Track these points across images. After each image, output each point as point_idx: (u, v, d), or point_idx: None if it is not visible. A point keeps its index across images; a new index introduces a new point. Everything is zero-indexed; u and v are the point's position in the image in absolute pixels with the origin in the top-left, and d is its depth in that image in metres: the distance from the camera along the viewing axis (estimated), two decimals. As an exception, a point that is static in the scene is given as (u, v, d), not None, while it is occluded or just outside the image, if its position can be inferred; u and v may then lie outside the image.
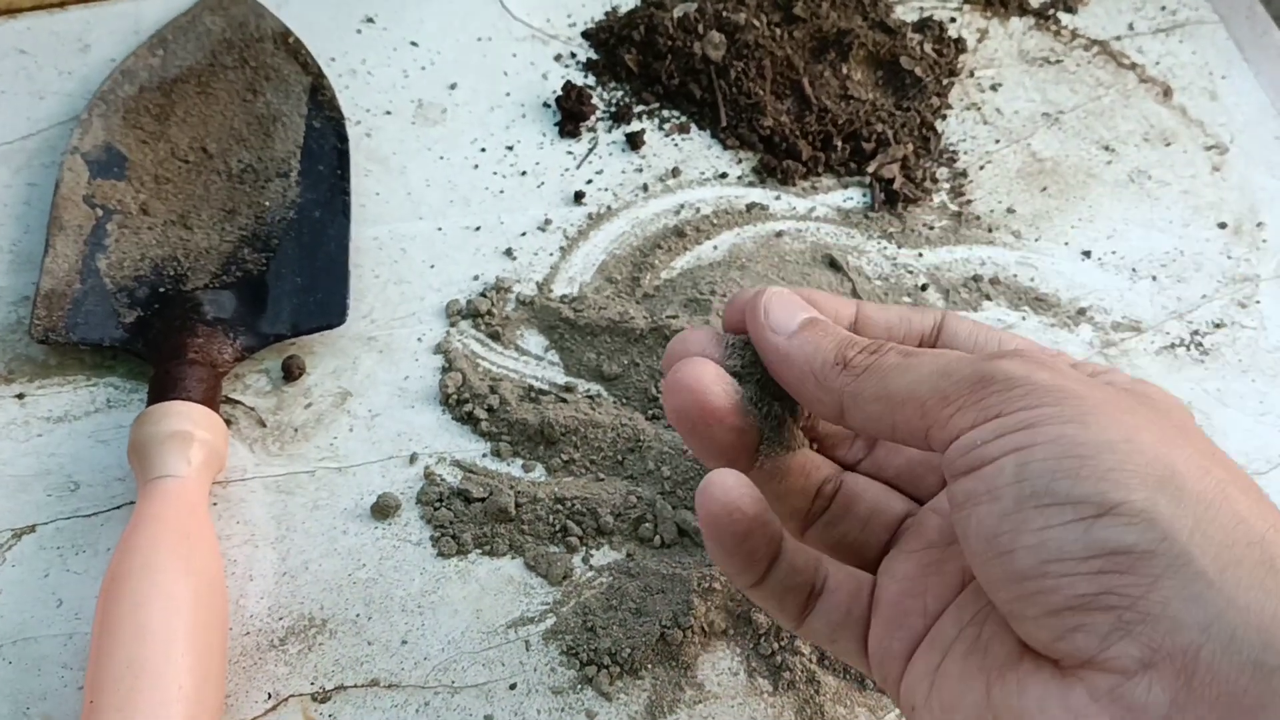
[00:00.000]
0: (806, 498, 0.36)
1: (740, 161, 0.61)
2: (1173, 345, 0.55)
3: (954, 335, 0.35)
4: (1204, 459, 0.26)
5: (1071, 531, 0.25)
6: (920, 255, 0.57)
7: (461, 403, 0.51)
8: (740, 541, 0.32)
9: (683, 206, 0.59)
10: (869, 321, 0.35)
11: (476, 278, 0.55)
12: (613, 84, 0.64)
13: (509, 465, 0.49)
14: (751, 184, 0.60)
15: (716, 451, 0.34)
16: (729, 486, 0.32)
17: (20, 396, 0.50)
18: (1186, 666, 0.23)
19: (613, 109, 0.62)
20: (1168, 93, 0.66)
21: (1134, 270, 0.58)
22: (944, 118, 0.64)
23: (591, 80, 0.64)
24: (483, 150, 0.60)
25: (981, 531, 0.27)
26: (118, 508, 0.47)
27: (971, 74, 0.66)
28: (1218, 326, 0.56)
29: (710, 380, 0.33)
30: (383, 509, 0.47)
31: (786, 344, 0.32)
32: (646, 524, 0.47)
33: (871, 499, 0.36)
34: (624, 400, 0.51)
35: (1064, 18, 0.69)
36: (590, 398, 0.51)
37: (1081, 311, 0.56)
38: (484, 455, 0.50)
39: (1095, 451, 0.25)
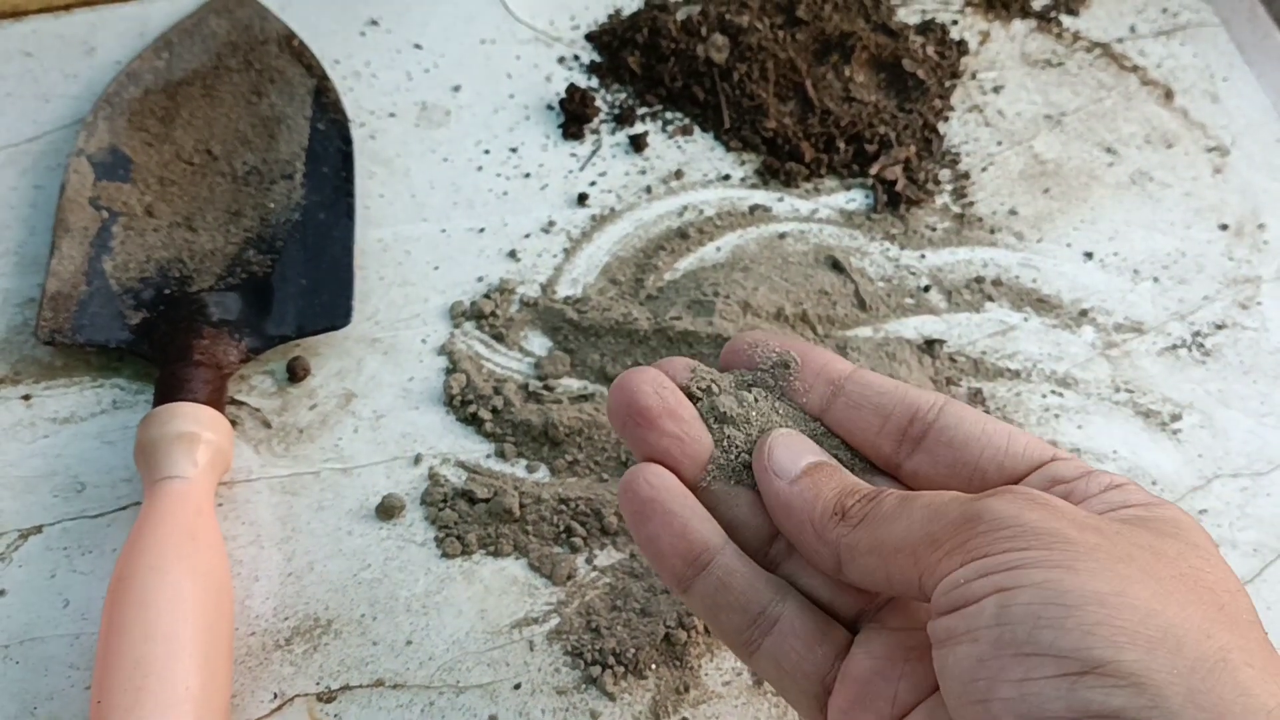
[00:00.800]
0: (761, 537, 0.34)
1: (743, 163, 0.61)
2: (1174, 346, 0.55)
3: (954, 426, 0.32)
4: (1207, 618, 0.24)
5: (1053, 688, 0.23)
6: (923, 257, 0.58)
7: (466, 404, 0.51)
8: (644, 528, 0.32)
9: (686, 208, 0.59)
10: (860, 386, 0.34)
11: (480, 279, 0.55)
12: (616, 86, 0.64)
13: (513, 466, 0.49)
14: (754, 186, 0.60)
15: (649, 457, 0.33)
16: (641, 469, 0.32)
17: (26, 398, 0.50)
18: None
19: (616, 111, 0.63)
20: (1169, 95, 0.66)
21: (1136, 272, 0.58)
22: (946, 120, 0.64)
23: (595, 82, 0.64)
24: (486, 152, 0.61)
25: (958, 673, 0.25)
26: (124, 508, 0.47)
27: (974, 76, 0.66)
28: (1219, 328, 0.56)
29: (644, 381, 0.33)
30: (387, 510, 0.48)
31: (787, 491, 0.31)
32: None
33: None
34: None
35: (1065, 20, 0.69)
36: (586, 397, 0.51)
37: (1084, 313, 0.56)
38: (488, 456, 0.50)
39: (1081, 602, 0.24)
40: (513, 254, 0.56)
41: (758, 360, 0.35)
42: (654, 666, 0.44)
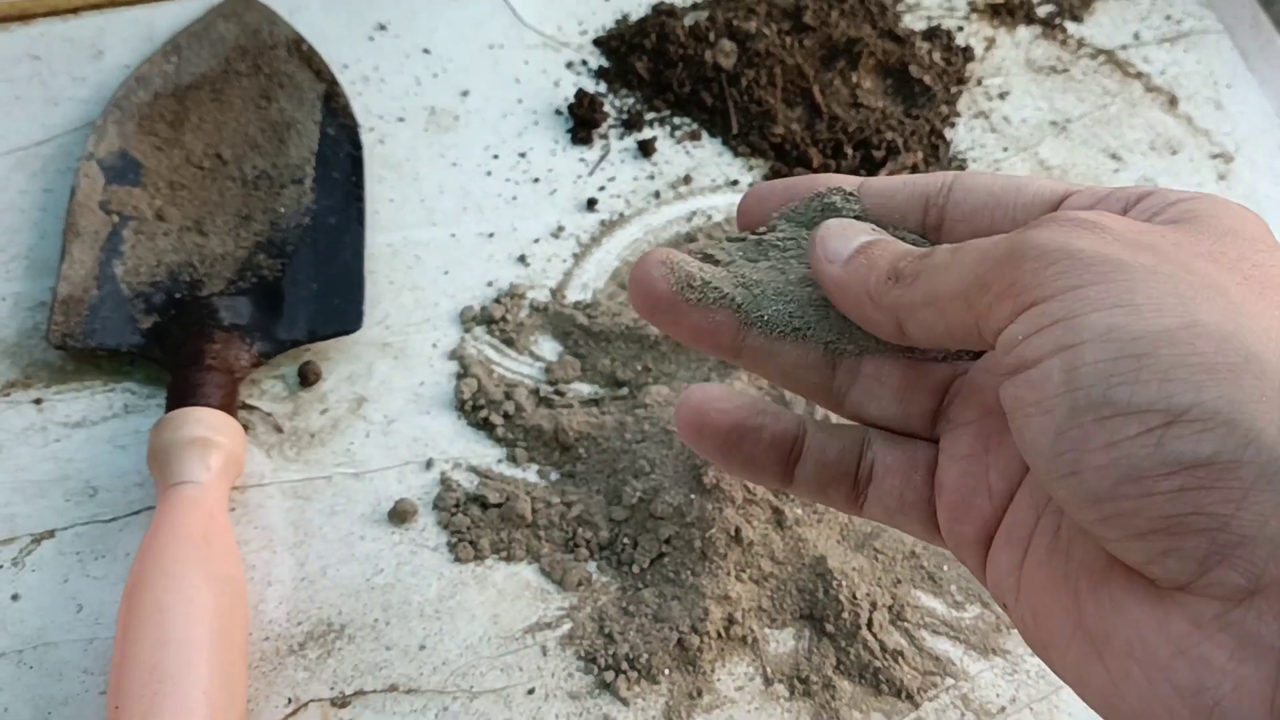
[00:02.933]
0: (820, 374, 0.32)
1: (751, 169, 0.61)
2: (1181, 353, 0.55)
3: (964, 199, 0.31)
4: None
5: (1141, 446, 0.22)
6: (930, 263, 0.58)
7: (477, 408, 0.51)
8: (725, 449, 0.31)
9: (694, 213, 0.59)
10: (873, 193, 0.32)
11: (490, 284, 0.56)
12: (624, 91, 0.64)
13: (525, 471, 0.50)
14: (762, 191, 0.60)
15: (684, 337, 0.32)
16: (700, 394, 0.31)
17: (38, 402, 0.50)
18: None
19: (624, 116, 0.63)
20: (1173, 102, 0.66)
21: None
22: (953, 126, 0.64)
23: (603, 88, 0.64)
24: (495, 157, 0.61)
25: (1040, 449, 0.23)
26: (136, 513, 0.47)
27: (979, 82, 0.67)
28: (1225, 334, 0.56)
29: (656, 263, 0.32)
30: (400, 514, 0.48)
31: (841, 272, 0.30)
32: (662, 530, 0.47)
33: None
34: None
35: (1070, 27, 0.70)
36: (596, 402, 0.51)
37: (1091, 319, 0.56)
38: (499, 461, 0.50)
39: (1152, 346, 0.22)
40: (522, 259, 0.57)
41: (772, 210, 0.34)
42: (667, 672, 0.44)
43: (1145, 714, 0.23)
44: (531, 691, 0.44)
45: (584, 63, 0.65)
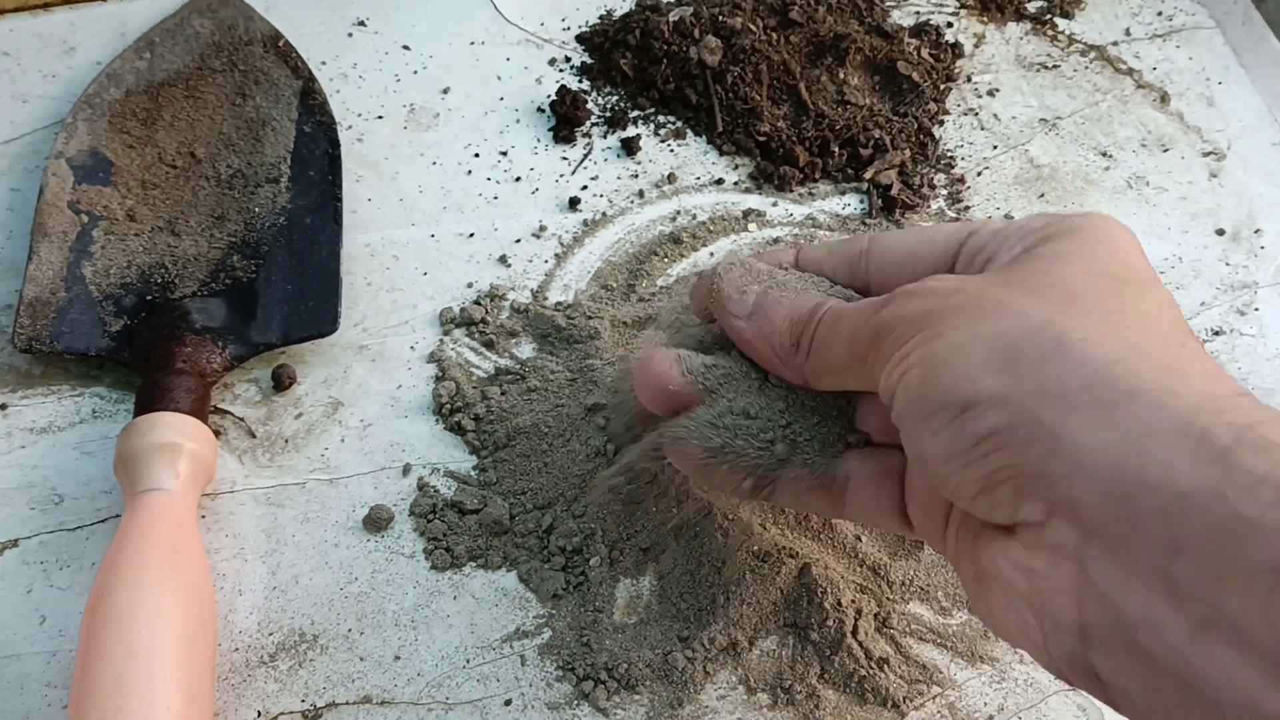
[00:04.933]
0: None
1: (737, 167, 0.60)
2: (1173, 353, 0.54)
3: (886, 260, 0.37)
4: (1049, 313, 0.29)
5: (952, 432, 0.29)
6: (918, 262, 0.57)
7: (455, 412, 0.50)
8: (701, 473, 0.38)
9: (679, 213, 0.58)
10: (807, 264, 0.39)
11: (470, 285, 0.54)
12: (607, 89, 0.63)
13: (498, 477, 0.48)
14: (748, 190, 0.59)
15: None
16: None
17: (3, 407, 0.49)
18: (1074, 510, 0.27)
19: (608, 114, 0.62)
20: (1165, 98, 0.65)
21: (1133, 278, 0.57)
22: (941, 123, 0.63)
23: (586, 85, 0.63)
24: (476, 155, 0.59)
25: (909, 450, 0.32)
26: (103, 521, 0.46)
27: (969, 79, 0.66)
28: (1217, 334, 0.55)
29: (666, 363, 0.38)
30: (375, 521, 0.47)
31: (748, 329, 0.37)
32: (644, 536, 0.46)
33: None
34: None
35: (1060, 23, 0.69)
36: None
37: (1081, 319, 0.55)
38: (474, 468, 0.49)
39: (948, 358, 0.29)
40: (503, 259, 0.55)
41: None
42: (647, 681, 0.43)
43: (1007, 621, 0.30)
44: (509, 702, 0.43)
45: (567, 59, 0.64)
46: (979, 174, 0.61)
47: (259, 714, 0.42)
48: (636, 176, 0.59)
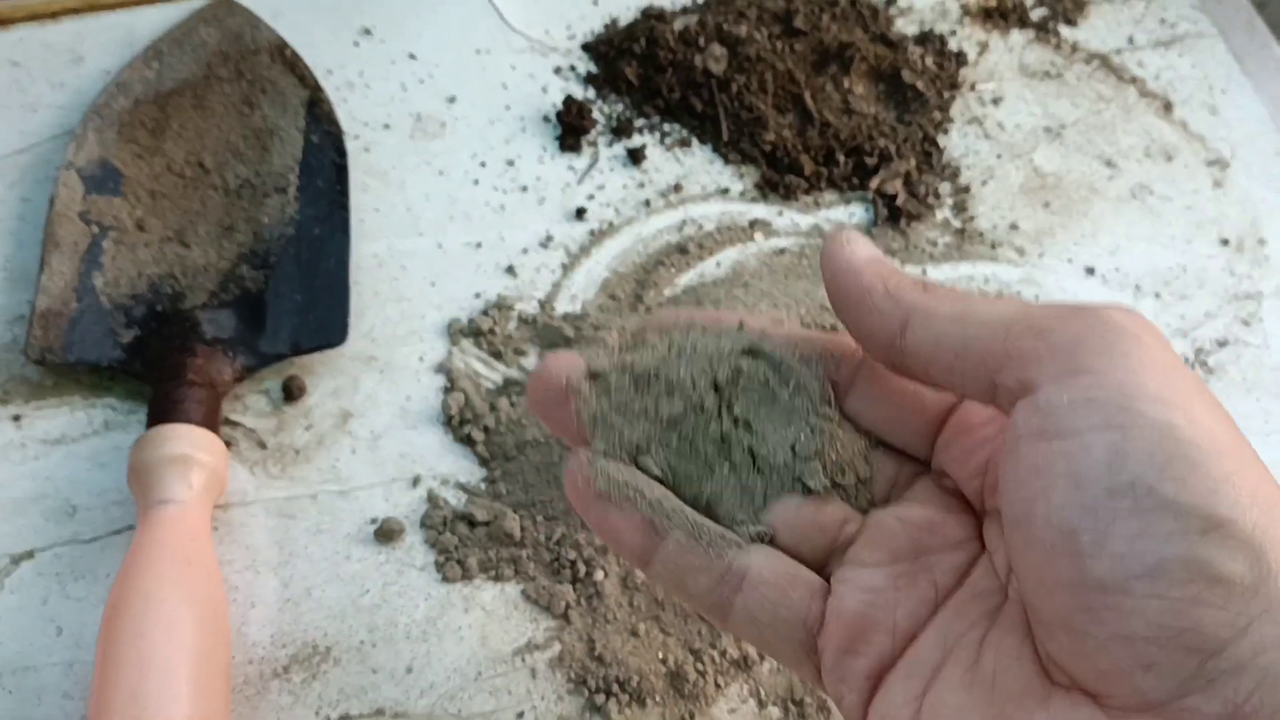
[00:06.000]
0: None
1: (742, 176, 0.60)
2: (1177, 363, 0.55)
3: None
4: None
5: (1171, 545, 0.21)
6: (924, 272, 0.57)
7: (464, 423, 0.50)
8: (585, 510, 0.31)
9: (685, 222, 0.58)
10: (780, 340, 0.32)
11: (478, 295, 0.55)
12: (613, 97, 0.63)
13: (507, 490, 0.49)
14: (754, 199, 0.60)
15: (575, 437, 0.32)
16: (578, 461, 0.31)
17: (16, 418, 0.49)
18: None
19: (613, 123, 0.62)
20: (1168, 107, 0.66)
21: (1137, 287, 0.58)
22: (946, 132, 0.63)
23: (592, 94, 0.63)
24: (482, 165, 0.60)
25: (1055, 520, 0.23)
26: (117, 532, 0.46)
27: (973, 87, 0.66)
28: (1221, 345, 0.56)
29: (562, 366, 0.32)
30: (386, 533, 0.47)
31: (861, 259, 0.29)
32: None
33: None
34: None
35: (1064, 31, 0.69)
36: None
37: (1086, 329, 0.56)
38: (483, 480, 0.49)
39: (1206, 456, 0.22)
40: (510, 269, 0.56)
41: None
42: (658, 694, 0.43)
43: None
44: (521, 715, 0.43)
45: (572, 68, 0.64)
46: (984, 183, 0.61)
47: (273, 726, 0.42)
48: (642, 186, 0.60)
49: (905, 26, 0.68)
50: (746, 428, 0.31)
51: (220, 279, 0.53)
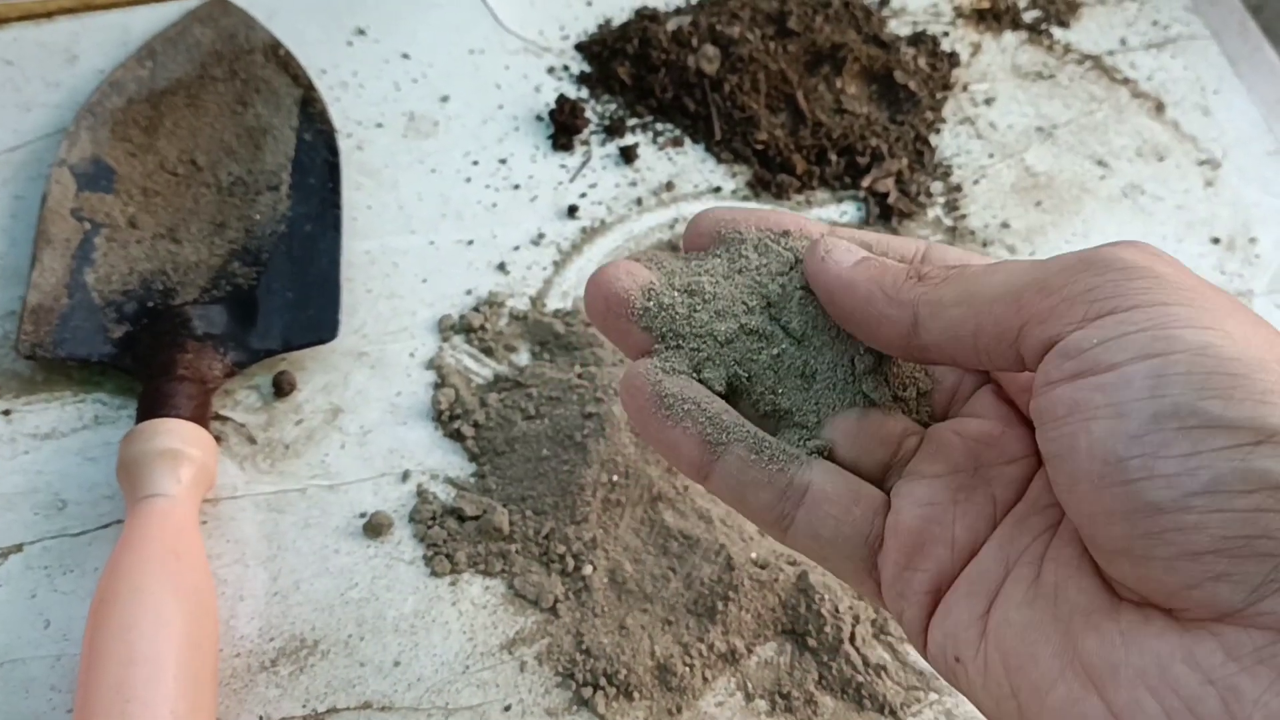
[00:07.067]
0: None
1: (734, 175, 0.61)
2: (1168, 361, 0.55)
3: (938, 257, 0.31)
4: None
5: (1226, 460, 0.21)
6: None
7: (454, 419, 0.50)
8: (642, 418, 0.30)
9: (677, 220, 0.58)
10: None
11: (469, 292, 0.55)
12: (606, 97, 0.63)
13: (496, 483, 0.49)
14: (746, 198, 0.60)
15: (632, 347, 0.32)
16: (638, 369, 0.30)
17: (6, 413, 0.49)
18: None
19: (606, 122, 0.62)
20: (1160, 108, 0.66)
21: (1129, 286, 0.57)
22: (938, 132, 0.64)
23: (584, 93, 0.63)
24: (475, 163, 0.60)
25: (1099, 453, 0.23)
26: (106, 526, 0.46)
27: (965, 88, 0.66)
28: (1212, 342, 0.56)
29: (620, 273, 0.31)
30: (375, 527, 0.47)
31: (851, 270, 0.29)
32: (642, 542, 0.47)
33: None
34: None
35: (1056, 32, 0.69)
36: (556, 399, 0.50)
37: (1077, 327, 0.56)
38: (473, 475, 0.49)
39: (1248, 369, 0.22)
40: (502, 266, 0.56)
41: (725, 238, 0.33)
42: (645, 688, 0.43)
43: None
44: (508, 708, 0.43)
45: (565, 68, 0.65)
46: (976, 182, 0.61)
47: (260, 718, 0.42)
48: (635, 184, 0.60)
49: (898, 28, 0.68)
50: (803, 343, 0.31)
51: (212, 275, 0.53)
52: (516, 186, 0.59)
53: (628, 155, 0.60)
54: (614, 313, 0.31)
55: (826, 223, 0.58)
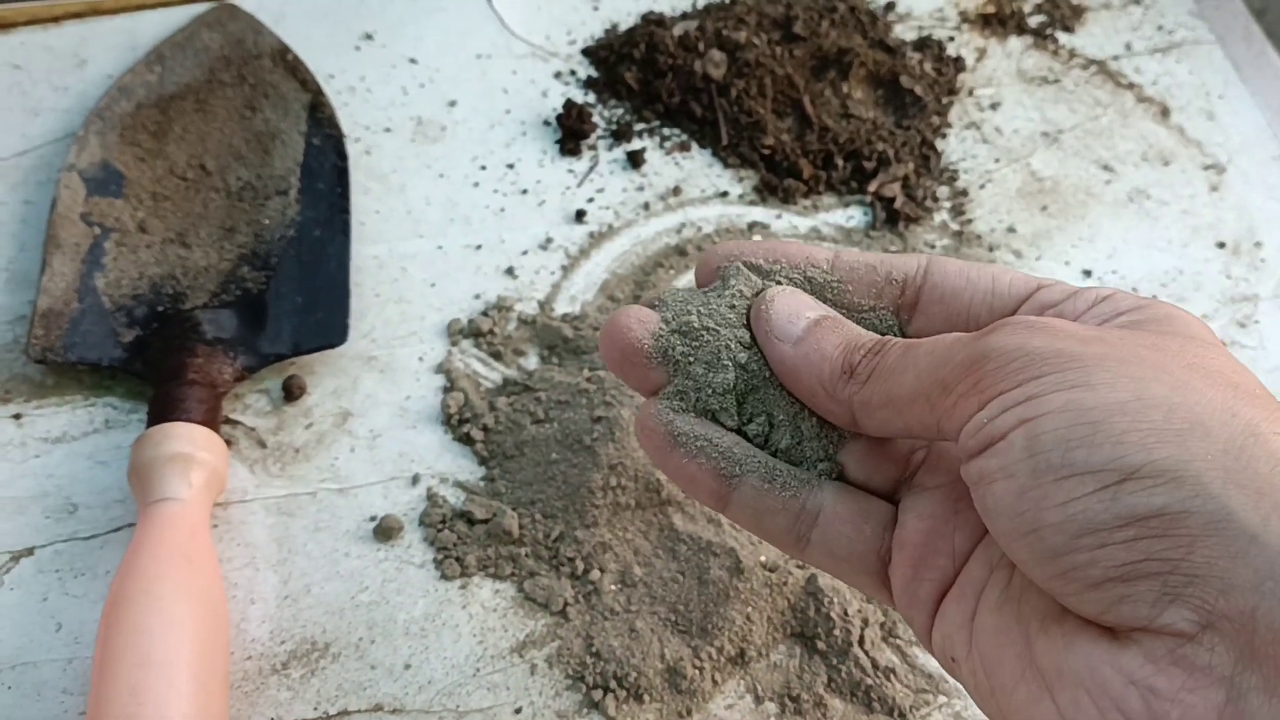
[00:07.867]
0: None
1: (741, 180, 0.61)
2: (1174, 365, 0.55)
3: (941, 282, 0.32)
4: (1227, 399, 0.25)
5: (1097, 502, 0.24)
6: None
7: (463, 423, 0.50)
8: (661, 455, 0.32)
9: (684, 225, 0.58)
10: (844, 266, 0.33)
11: (478, 296, 0.55)
12: (613, 102, 0.64)
13: (505, 486, 0.49)
14: (753, 203, 0.60)
15: (646, 390, 0.33)
16: (652, 407, 0.32)
17: (17, 417, 0.49)
18: (1245, 627, 0.22)
19: (613, 127, 0.62)
20: (1165, 112, 0.66)
21: (1134, 290, 0.58)
22: (944, 136, 0.64)
23: (592, 98, 0.64)
24: (483, 168, 0.60)
25: (1002, 509, 0.25)
26: (117, 530, 0.47)
27: (971, 93, 0.66)
28: (1218, 346, 0.56)
29: (632, 320, 0.33)
30: (385, 531, 0.47)
31: (793, 355, 0.31)
32: (651, 546, 0.47)
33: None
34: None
35: (1062, 37, 0.70)
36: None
37: (1083, 331, 0.56)
38: (483, 479, 0.49)
39: (1106, 415, 0.24)
40: (510, 271, 0.56)
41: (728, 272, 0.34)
42: (656, 690, 0.43)
43: None
44: (519, 711, 0.43)
45: (572, 73, 0.65)
46: (981, 187, 0.62)
47: (271, 722, 0.42)
48: (642, 189, 0.60)
49: (904, 32, 0.68)
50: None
51: (221, 280, 0.53)
52: (524, 191, 0.59)
53: (635, 160, 0.61)
54: (629, 361, 0.33)
55: (835, 227, 0.59)
